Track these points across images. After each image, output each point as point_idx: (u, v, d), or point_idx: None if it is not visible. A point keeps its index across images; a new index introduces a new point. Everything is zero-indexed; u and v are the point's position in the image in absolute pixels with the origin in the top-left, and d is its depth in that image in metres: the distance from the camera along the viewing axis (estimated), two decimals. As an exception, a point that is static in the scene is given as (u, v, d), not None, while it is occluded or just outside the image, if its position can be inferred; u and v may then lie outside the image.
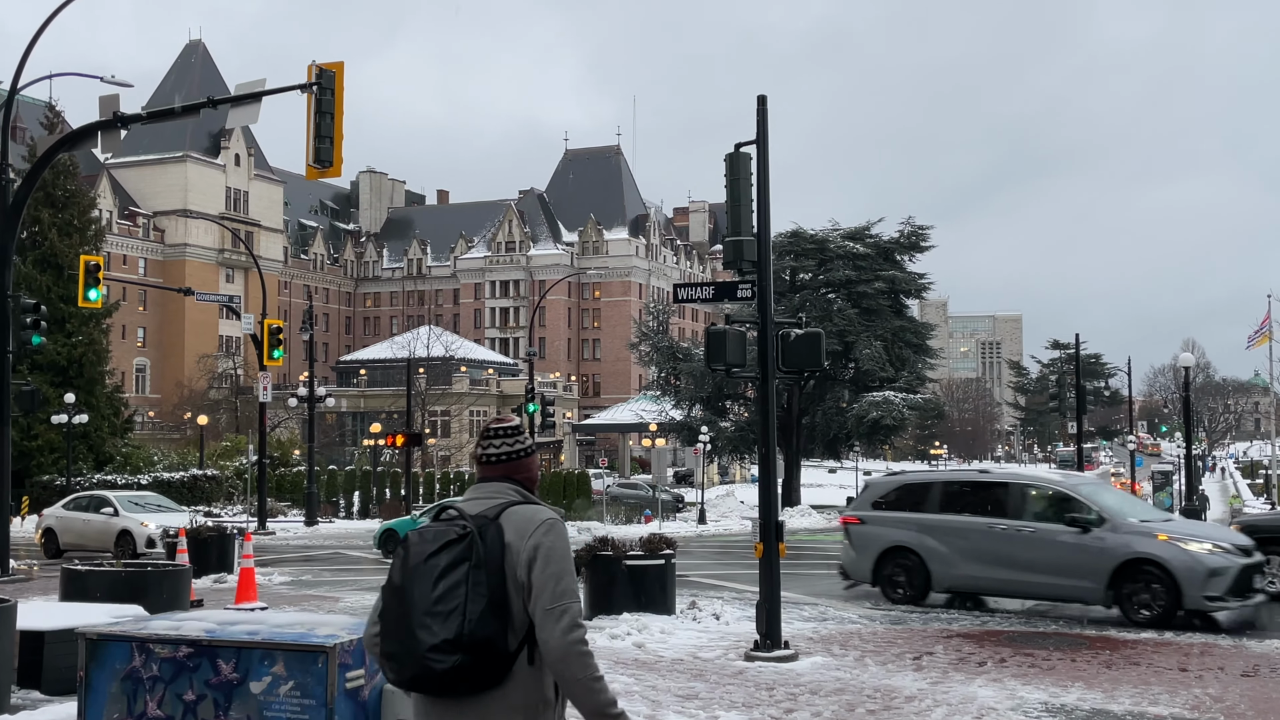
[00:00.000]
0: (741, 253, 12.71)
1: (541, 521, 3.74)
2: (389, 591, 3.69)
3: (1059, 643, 14.02)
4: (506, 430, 3.96)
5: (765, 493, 12.82)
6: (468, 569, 3.58)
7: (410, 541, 3.71)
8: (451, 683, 3.54)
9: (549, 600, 3.60)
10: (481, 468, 3.95)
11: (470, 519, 3.71)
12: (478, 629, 3.52)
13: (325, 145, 19.28)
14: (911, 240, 69.81)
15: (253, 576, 16.84)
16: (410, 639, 3.53)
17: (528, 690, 3.63)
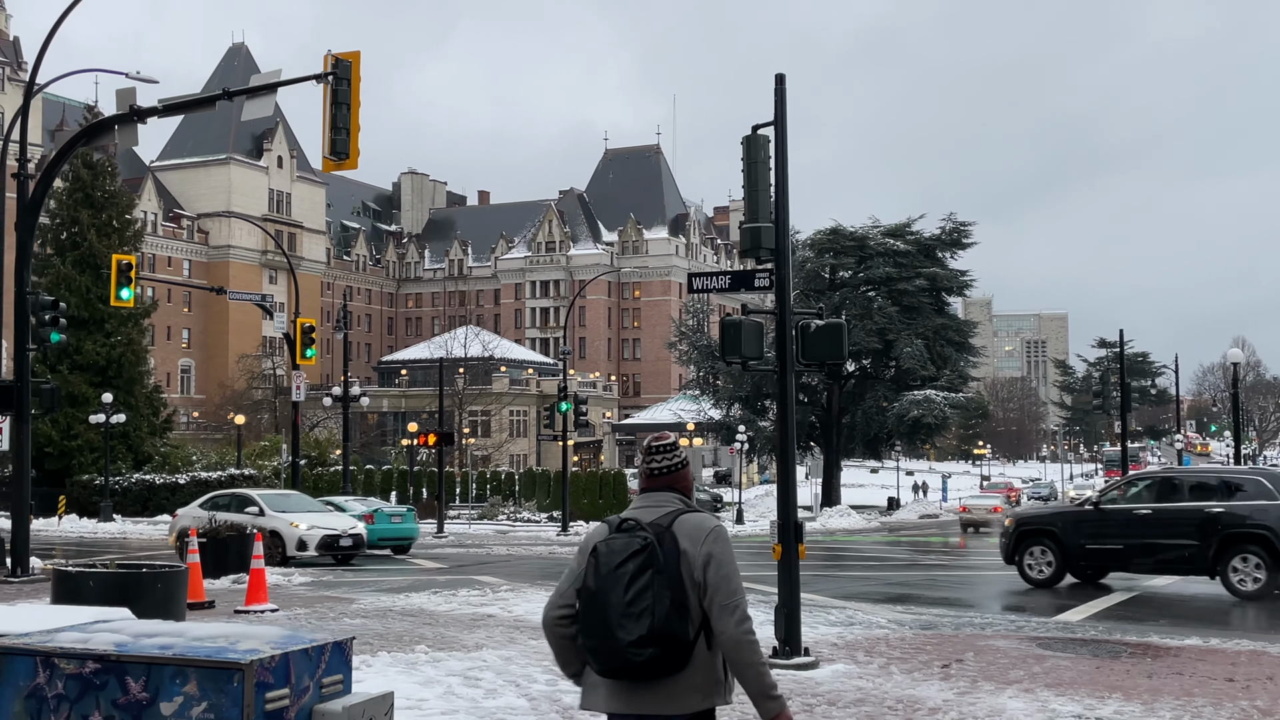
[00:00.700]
0: (759, 240, 12.13)
1: (710, 530, 4.37)
2: (586, 596, 4.29)
3: (1098, 649, 13.34)
4: (665, 447, 4.58)
5: (784, 492, 12.23)
6: (652, 574, 4.20)
7: (600, 552, 4.32)
8: (647, 671, 4.19)
9: (724, 598, 4.26)
10: (647, 479, 4.57)
11: (648, 527, 4.33)
12: (665, 625, 4.16)
13: (341, 137, 18.85)
14: (953, 237, 68.80)
15: (263, 577, 16.44)
16: (610, 637, 4.17)
17: (705, 672, 4.29)
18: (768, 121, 12.22)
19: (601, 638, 4.21)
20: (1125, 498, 21.05)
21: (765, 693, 4.27)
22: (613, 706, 4.35)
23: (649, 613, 4.16)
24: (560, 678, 10.95)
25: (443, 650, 12.43)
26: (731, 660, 4.29)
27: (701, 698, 4.31)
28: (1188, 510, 19.71)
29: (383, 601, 17.51)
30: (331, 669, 4.80)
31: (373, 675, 10.69)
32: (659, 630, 4.15)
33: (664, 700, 4.27)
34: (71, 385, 55.02)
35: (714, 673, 4.33)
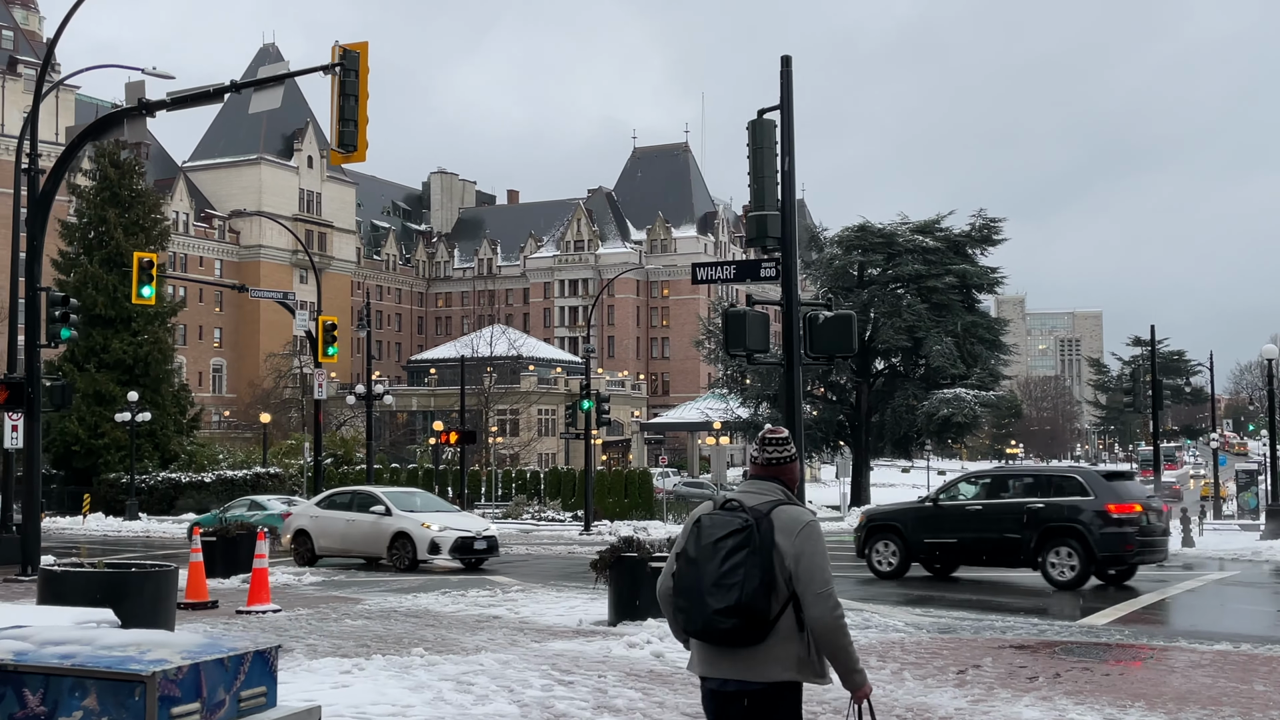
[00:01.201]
0: (765, 228, 11.70)
1: (805, 524, 4.78)
2: (684, 561, 4.76)
3: (1122, 654, 12.82)
4: (778, 440, 5.02)
5: (792, 490, 11.80)
6: (746, 554, 4.62)
7: (703, 525, 4.78)
8: (727, 638, 4.64)
9: (817, 586, 4.67)
10: (756, 468, 5.02)
11: (749, 511, 4.75)
12: (750, 600, 4.58)
13: (350, 129, 18.54)
14: (983, 233, 67.89)
15: (265, 577, 16.14)
16: (700, 602, 4.63)
17: (787, 647, 4.69)
18: (774, 106, 11.79)
19: (692, 601, 4.71)
20: (960, 495, 22.31)
21: (851, 668, 4.81)
22: (703, 670, 4.85)
23: (738, 587, 4.60)
24: (555, 683, 10.56)
25: (440, 653, 12.07)
26: (822, 642, 4.73)
27: (781, 669, 4.73)
28: (1013, 506, 20.88)
29: (390, 602, 17.19)
30: (252, 681, 4.41)
31: (362, 681, 10.33)
32: (745, 604, 4.59)
33: (746, 667, 4.71)
34: (99, 384, 55.21)
35: (797, 649, 4.73)
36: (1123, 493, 20.55)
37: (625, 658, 12.05)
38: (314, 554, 25.31)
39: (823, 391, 70.82)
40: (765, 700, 4.77)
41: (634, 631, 13.35)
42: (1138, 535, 19.86)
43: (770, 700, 4.78)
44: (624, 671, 11.26)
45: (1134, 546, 19.86)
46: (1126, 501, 20.14)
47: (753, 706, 4.77)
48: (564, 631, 14.04)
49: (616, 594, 14.60)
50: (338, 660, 11.35)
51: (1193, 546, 31.14)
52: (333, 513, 25.55)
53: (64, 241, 58.98)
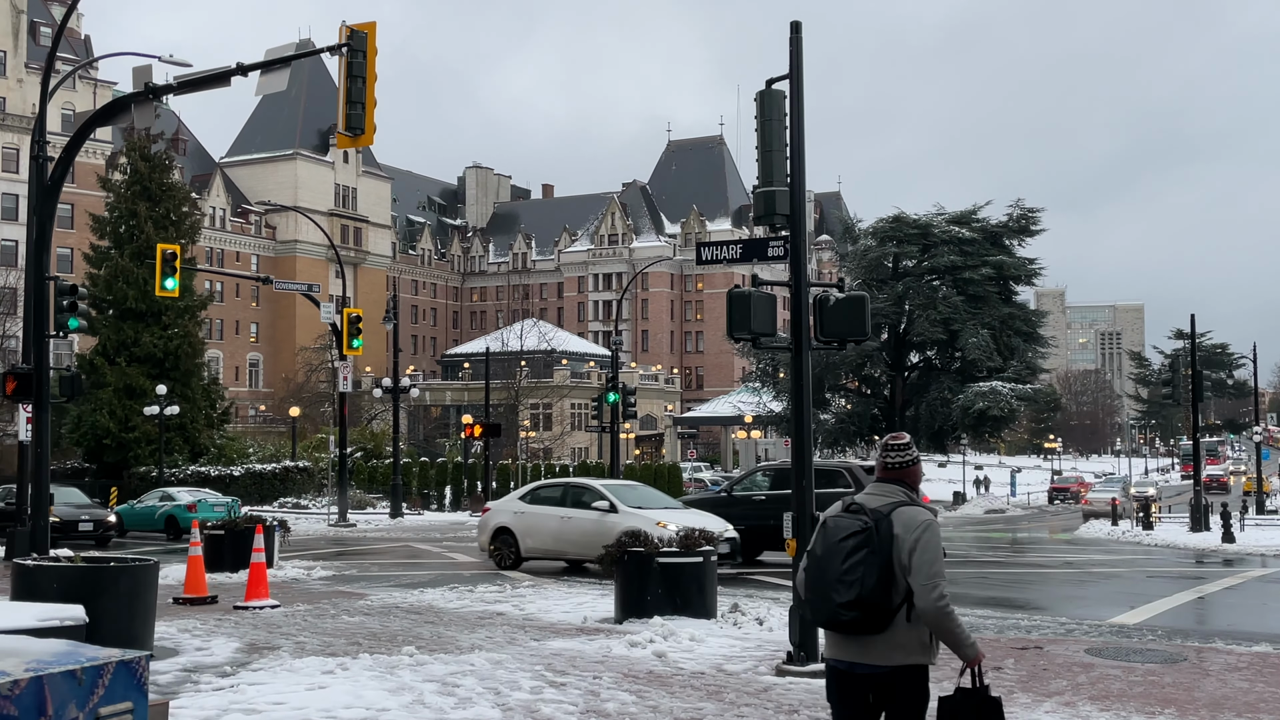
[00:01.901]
0: (773, 205, 11.07)
1: (922, 522, 5.20)
2: (812, 559, 5.25)
3: (1153, 656, 12.11)
4: (900, 446, 5.45)
5: (799, 483, 11.16)
6: (866, 553, 5.05)
7: (828, 526, 5.26)
8: (850, 628, 5.09)
9: (924, 579, 5.07)
10: (882, 471, 5.43)
11: (869, 513, 5.20)
12: (870, 594, 5.00)
13: (357, 111, 18.03)
14: (1020, 224, 66.90)
15: (263, 572, 15.67)
16: (825, 597, 5.09)
17: (905, 635, 5.12)
18: (782, 75, 11.15)
19: (818, 594, 5.19)
20: (751, 487, 24.47)
21: (961, 644, 5.22)
22: (832, 654, 5.38)
23: (858, 583, 5.04)
24: (546, 685, 10.00)
25: (432, 652, 11.53)
26: (931, 627, 5.18)
27: (903, 654, 5.20)
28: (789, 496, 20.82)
29: (394, 597, 16.69)
30: (114, 695, 3.85)
31: (342, 681, 9.80)
32: (864, 598, 5.03)
33: (871, 653, 5.19)
34: (129, 377, 55.12)
35: (917, 636, 5.18)
36: None
37: (625, 658, 11.47)
38: (519, 555, 22.35)
39: (856, 385, 70.07)
40: (891, 683, 5.26)
41: (638, 630, 12.77)
42: None
43: (895, 683, 5.26)
44: (621, 673, 10.68)
45: None
46: None
47: (880, 689, 5.27)
48: (567, 629, 13.48)
49: (623, 590, 14.03)
50: (322, 659, 10.84)
51: (1233, 542, 30.24)
52: (541, 509, 22.20)
53: (95, 235, 59.00)
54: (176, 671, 10.33)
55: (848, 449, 76.40)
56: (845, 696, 5.34)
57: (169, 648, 11.63)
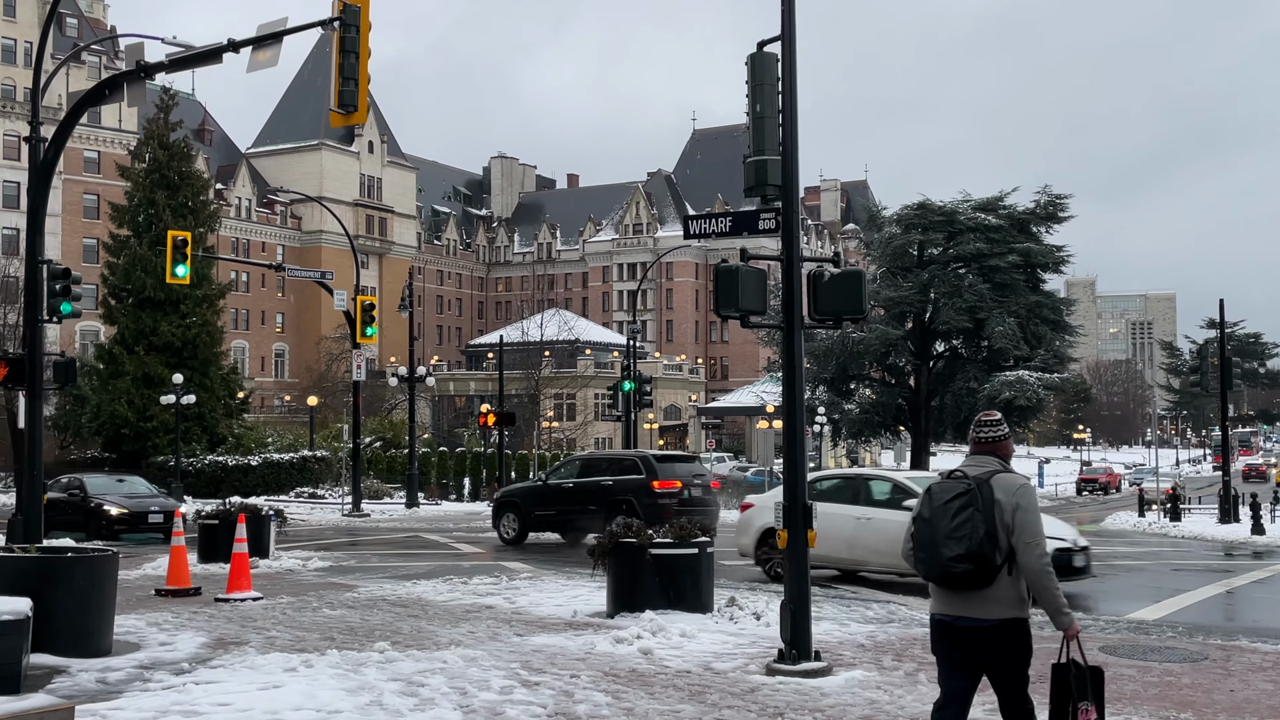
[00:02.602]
0: (765, 175, 10.42)
1: (1020, 485, 5.85)
2: (920, 522, 5.84)
3: (1171, 655, 11.40)
4: (992, 422, 6.15)
5: (791, 469, 10.52)
6: (971, 511, 5.70)
7: (934, 491, 5.88)
8: (961, 581, 5.71)
9: (1028, 537, 5.70)
10: (975, 445, 6.13)
11: (971, 479, 5.83)
12: (978, 548, 5.64)
13: (350, 88, 17.44)
14: (1048, 210, 65.54)
15: (245, 563, 15.15)
16: (936, 553, 5.72)
17: (1007, 590, 5.73)
18: (774, 37, 10.49)
19: (930, 551, 5.73)
20: (563, 475, 26.29)
21: (1058, 609, 5.77)
22: (940, 609, 5.89)
23: (968, 538, 5.59)
24: (519, 684, 9.42)
25: (406, 648, 10.96)
26: (1031, 584, 5.71)
27: (1003, 609, 5.74)
28: (591, 484, 25.17)
29: (385, 589, 16.15)
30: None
31: (300, 680, 9.24)
32: (974, 551, 5.57)
33: (976, 607, 5.70)
34: (147, 366, 54.99)
35: (1016, 592, 5.73)
36: (668, 472, 24.60)
37: (609, 654, 10.87)
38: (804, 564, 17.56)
39: (881, 374, 69.04)
40: (995, 634, 5.78)
41: (627, 624, 12.17)
42: (676, 505, 23.70)
43: (999, 634, 5.79)
44: (602, 671, 10.08)
45: (671, 514, 22.61)
46: (669, 479, 24.34)
47: (983, 642, 5.79)
48: (555, 624, 12.88)
49: (615, 583, 13.43)
50: (287, 656, 10.29)
51: (1263, 534, 29.36)
52: (828, 507, 16.94)
53: (114, 224, 58.89)
54: (130, 669, 9.80)
55: (871, 439, 75.41)
56: (950, 648, 5.95)
57: (131, 642, 11.12)
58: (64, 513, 28.95)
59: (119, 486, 30.97)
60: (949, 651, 5.93)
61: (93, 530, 27.74)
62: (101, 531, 27.50)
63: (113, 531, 27.41)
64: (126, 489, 30.54)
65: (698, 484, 24.99)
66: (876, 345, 64.21)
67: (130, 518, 28.20)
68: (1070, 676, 5.85)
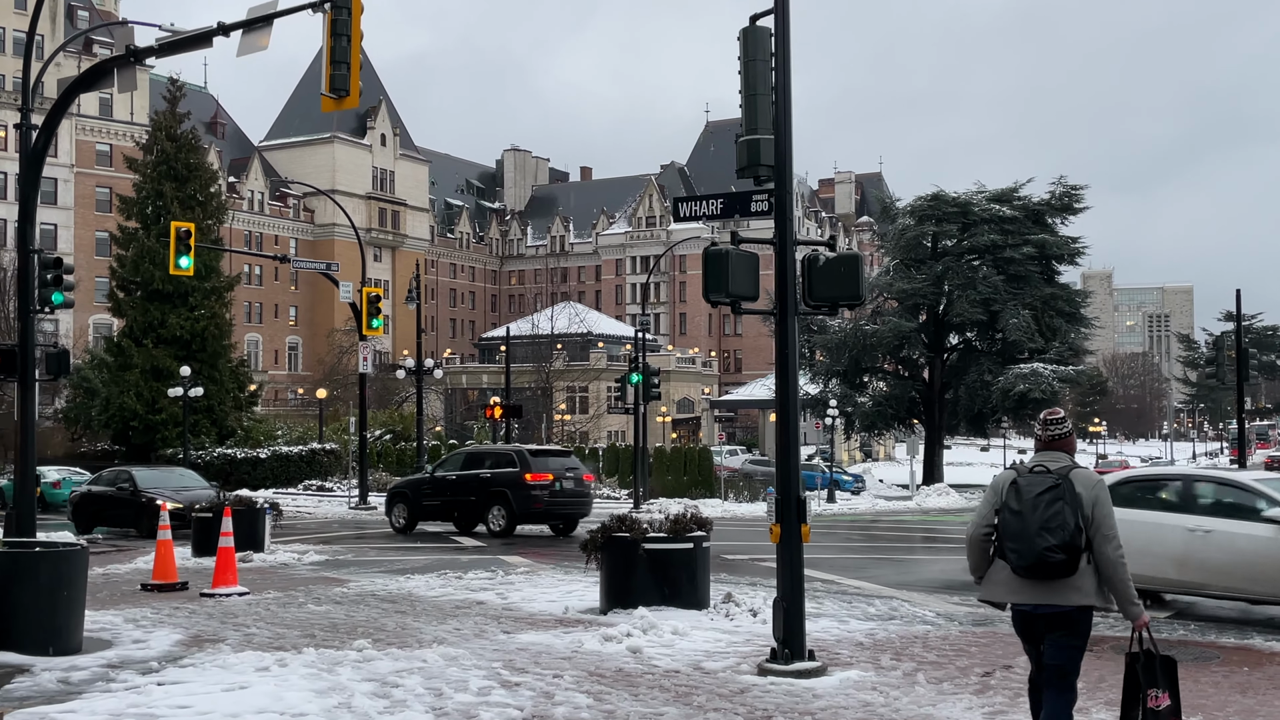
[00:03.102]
0: (758, 155, 10.02)
1: (1096, 481, 6.38)
2: (1010, 514, 6.20)
3: (1182, 653, 10.94)
4: (1058, 420, 6.61)
5: (784, 460, 10.10)
6: (1062, 504, 6.10)
7: (1021, 485, 6.25)
8: (1054, 570, 6.09)
9: (1106, 530, 6.19)
10: (1044, 442, 6.55)
11: (1054, 473, 6.26)
12: (1071, 539, 6.05)
13: (341, 72, 17.04)
14: (1063, 201, 64.87)
15: (232, 557, 14.83)
16: (1030, 543, 6.08)
17: (1086, 580, 6.17)
18: (766, 10, 10.06)
19: (1023, 543, 6.01)
20: (447, 468, 27.74)
21: (1129, 600, 6.14)
22: (1015, 598, 6.20)
23: (1061, 529, 5.93)
24: (498, 685, 9.04)
25: (387, 646, 10.60)
26: (1106, 575, 6.10)
27: (1080, 596, 6.10)
28: (471, 476, 26.53)
29: (376, 584, 15.79)
30: None
31: (269, 681, 8.87)
32: (1068, 542, 5.93)
33: (1056, 594, 6.04)
34: (156, 359, 54.78)
35: (1093, 581, 6.10)
36: (540, 465, 25.95)
37: (596, 653, 10.48)
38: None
39: (894, 367, 68.47)
40: (1070, 619, 6.18)
41: (619, 621, 11.77)
42: (548, 497, 25.44)
43: (1074, 619, 6.20)
44: (587, 671, 9.69)
45: (542, 505, 25.38)
46: (541, 472, 25.67)
47: (1061, 624, 6.17)
48: (545, 621, 12.50)
49: (608, 579, 13.04)
50: (261, 654, 9.92)
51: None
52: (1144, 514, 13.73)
53: (123, 216, 58.71)
54: (97, 668, 9.44)
55: (884, 432, 74.83)
56: (1032, 634, 6.38)
57: (104, 640, 10.77)
58: (113, 507, 27.51)
59: (169, 479, 29.07)
60: (1031, 638, 6.41)
61: (144, 526, 25.71)
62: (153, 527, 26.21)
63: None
64: (176, 481, 28.75)
65: (570, 477, 26.48)
66: (890, 338, 63.66)
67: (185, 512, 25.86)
68: (1139, 665, 6.22)
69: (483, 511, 25.86)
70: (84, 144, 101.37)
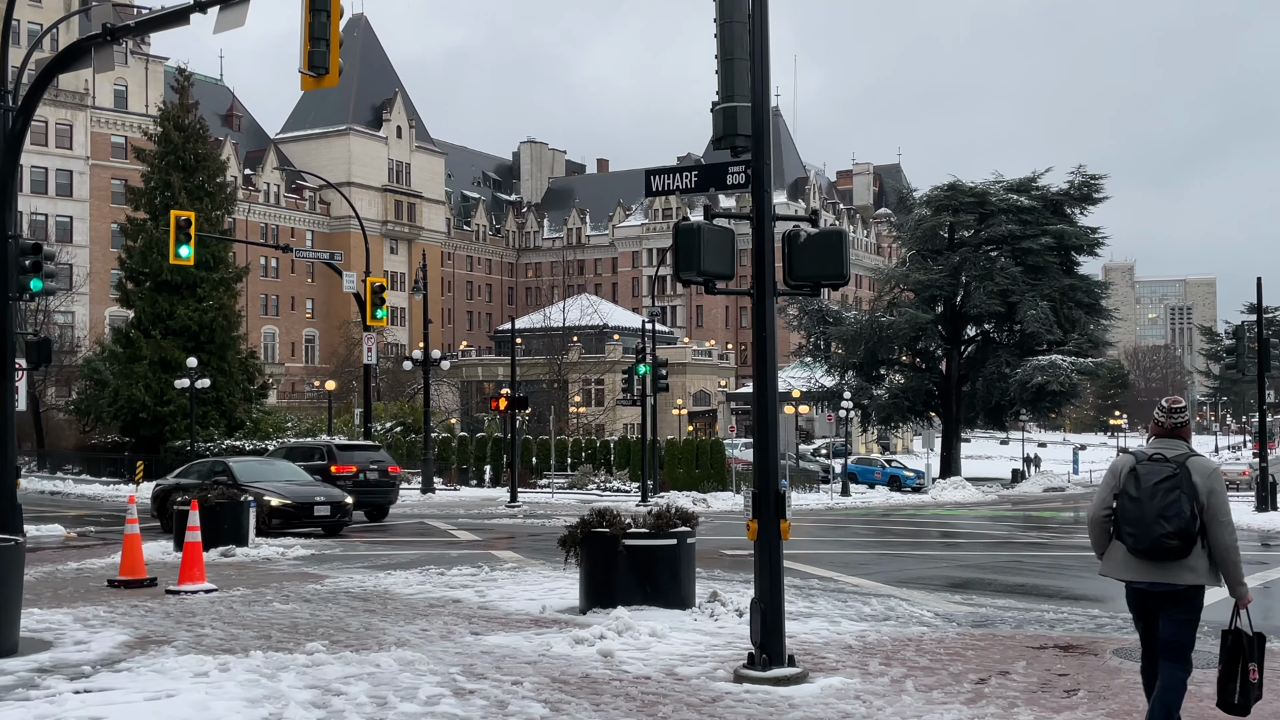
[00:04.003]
0: (734, 124, 9.32)
1: (1212, 469, 6.65)
2: (1130, 501, 6.60)
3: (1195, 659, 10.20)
4: (1178, 408, 6.86)
5: (762, 454, 9.41)
6: (1179, 493, 6.48)
7: (1140, 473, 6.61)
8: (1170, 554, 6.49)
9: (1221, 516, 6.57)
10: (1162, 429, 6.82)
11: (1172, 461, 6.59)
12: (1187, 525, 6.45)
13: (321, 49, 16.43)
14: (1082, 191, 63.95)
15: (198, 552, 14.20)
16: (1148, 529, 6.49)
17: (1199, 561, 6.56)
18: (744, -31, 9.36)
19: (1141, 528, 6.54)
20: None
21: (1238, 581, 6.66)
22: (1133, 576, 6.70)
23: (1178, 516, 6.45)
24: (450, 693, 8.39)
25: (343, 649, 9.96)
26: (1219, 559, 6.61)
27: (1194, 576, 6.61)
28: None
29: (355, 580, 15.17)
30: None
31: (200, 689, 8.23)
32: (1184, 528, 6.46)
33: (1170, 574, 6.58)
34: (164, 350, 54.37)
35: (1205, 563, 6.59)
36: (346, 459, 29.47)
37: (564, 657, 9.82)
38: None
39: (911, 359, 67.64)
40: (1184, 597, 6.58)
41: (595, 622, 11.12)
42: (352, 487, 27.73)
43: (1187, 597, 6.61)
44: (550, 677, 9.04)
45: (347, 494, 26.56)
46: (347, 464, 29.07)
47: (1174, 601, 6.56)
48: (520, 621, 11.85)
49: (587, 577, 12.38)
50: (202, 658, 9.29)
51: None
52: None
53: (131, 206, 58.33)
54: (25, 672, 8.82)
55: (900, 425, 73.96)
56: (1146, 611, 6.79)
57: (44, 640, 10.17)
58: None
59: (267, 470, 26.52)
60: (1145, 615, 6.81)
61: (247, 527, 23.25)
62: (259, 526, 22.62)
63: (269, 526, 22.94)
64: (279, 474, 26.13)
65: (374, 469, 29.76)
66: (906, 329, 62.86)
67: (294, 510, 23.75)
68: (1243, 640, 6.63)
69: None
70: (99, 136, 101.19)
